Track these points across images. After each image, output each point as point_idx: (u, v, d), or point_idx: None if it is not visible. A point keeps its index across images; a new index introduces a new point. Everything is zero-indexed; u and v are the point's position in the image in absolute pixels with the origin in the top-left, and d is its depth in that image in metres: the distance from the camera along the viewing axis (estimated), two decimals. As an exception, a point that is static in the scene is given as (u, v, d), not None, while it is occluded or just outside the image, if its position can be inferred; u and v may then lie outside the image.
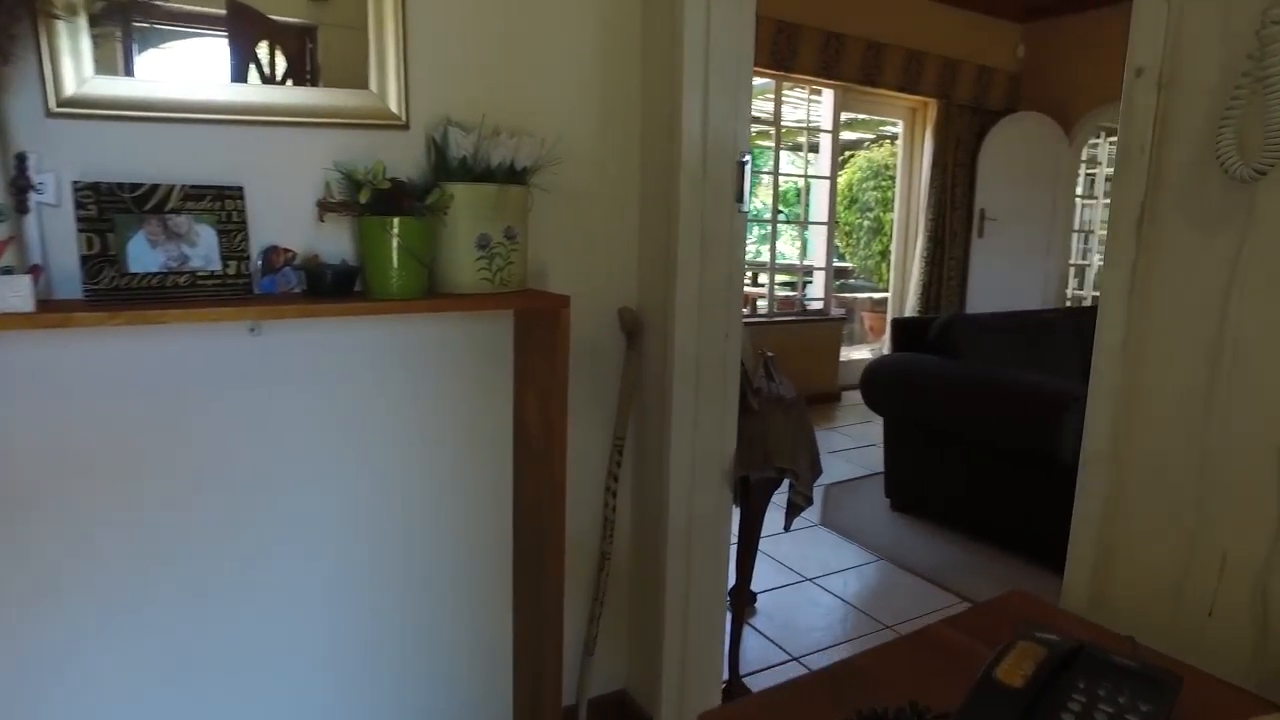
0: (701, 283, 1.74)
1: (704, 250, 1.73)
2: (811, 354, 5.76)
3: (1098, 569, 1.05)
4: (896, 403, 3.54)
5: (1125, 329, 0.91)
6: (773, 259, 5.76)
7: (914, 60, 5.70)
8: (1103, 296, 0.95)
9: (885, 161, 7.58)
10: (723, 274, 1.76)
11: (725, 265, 1.76)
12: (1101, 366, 0.99)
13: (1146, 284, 0.89)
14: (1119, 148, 0.95)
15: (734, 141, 1.73)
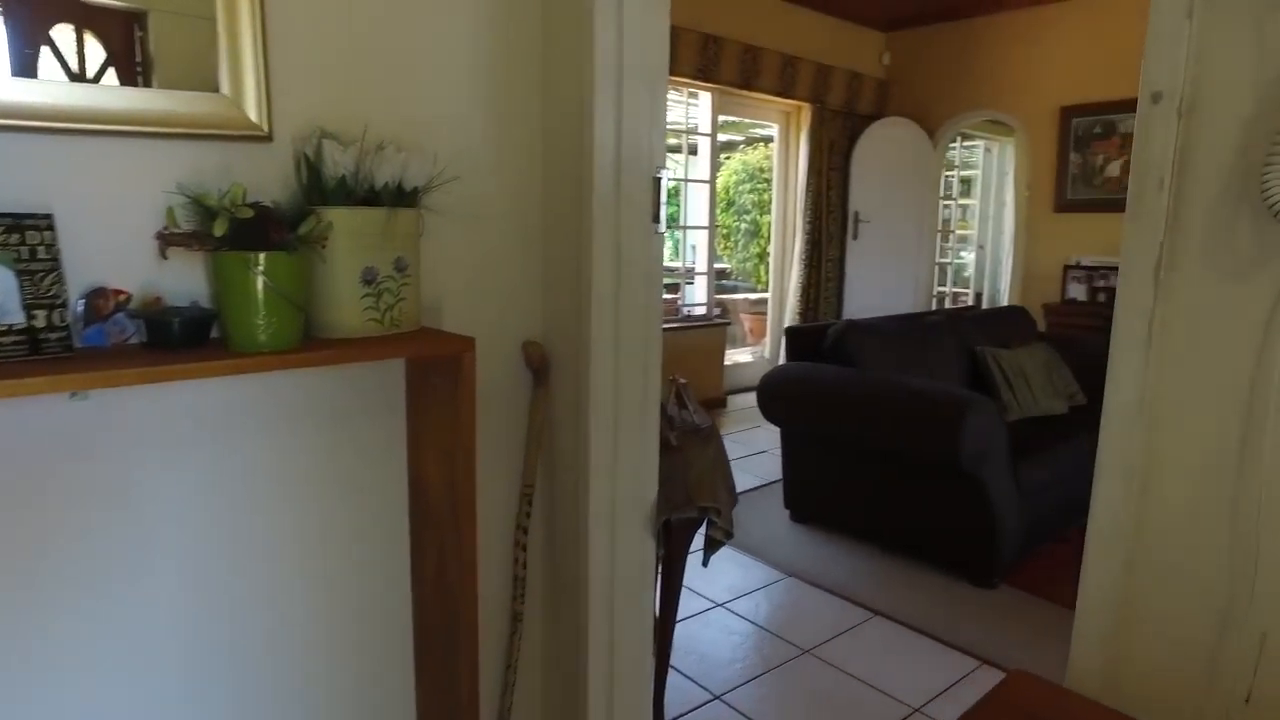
0: (618, 313, 1.56)
1: (620, 276, 1.55)
2: (696, 360, 5.68)
3: (1110, 647, 0.95)
4: (794, 413, 3.48)
5: (1141, 387, 0.82)
6: (656, 264, 5.64)
7: (789, 65, 5.73)
8: (1115, 350, 0.85)
9: (760, 164, 7.63)
10: (640, 302, 1.59)
11: (643, 293, 1.59)
12: (1113, 429, 0.89)
13: (1166, 337, 0.79)
14: (1132, 181, 0.85)
15: (650, 155, 1.56)
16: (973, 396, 2.95)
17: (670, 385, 2.07)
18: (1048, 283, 5.85)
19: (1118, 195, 5.54)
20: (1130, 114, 5.16)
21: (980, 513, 2.96)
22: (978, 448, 2.86)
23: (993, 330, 4.22)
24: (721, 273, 8.36)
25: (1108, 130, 5.54)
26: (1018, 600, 2.97)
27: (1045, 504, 3.25)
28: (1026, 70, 5.93)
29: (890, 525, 3.31)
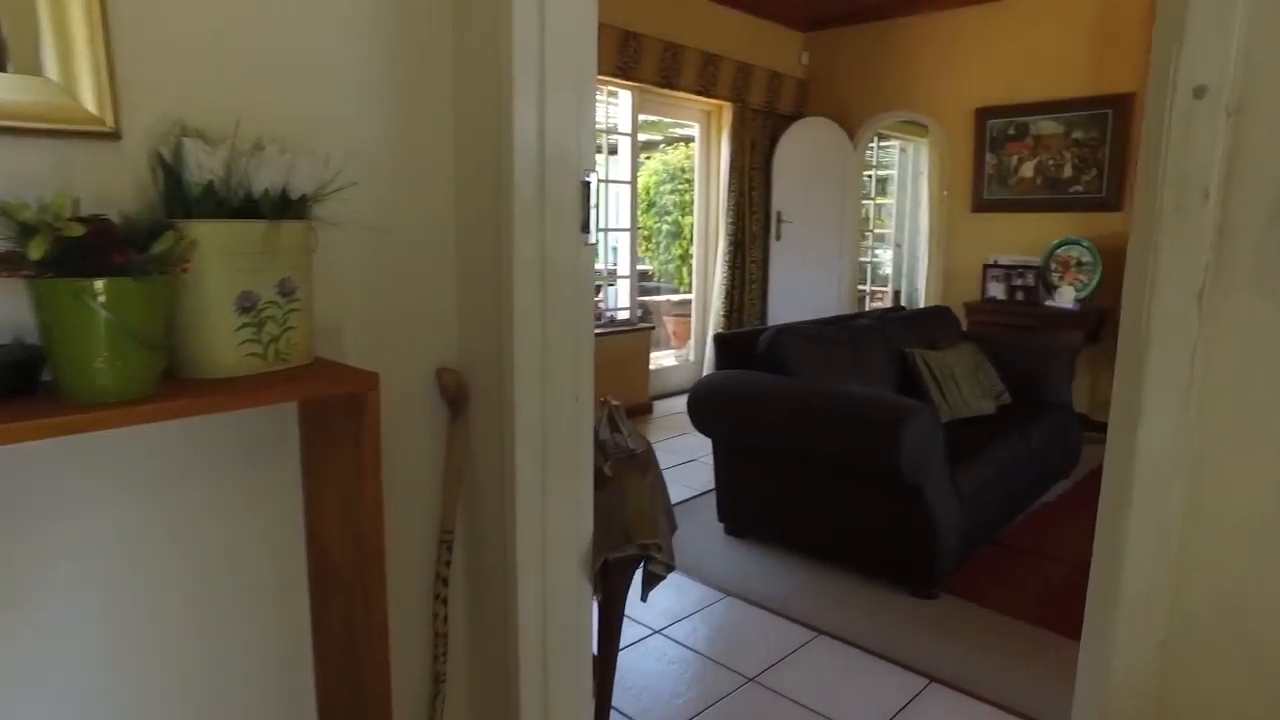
0: (544, 334, 1.38)
1: (545, 293, 1.37)
2: (621, 365, 5.53)
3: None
4: (727, 423, 3.35)
5: (1180, 433, 0.69)
6: (578, 268, 5.45)
7: (710, 63, 5.62)
8: (1149, 388, 0.72)
9: (680, 164, 7.52)
10: (570, 321, 1.42)
11: (572, 310, 1.42)
12: (1144, 482, 0.76)
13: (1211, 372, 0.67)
14: (1167, 189, 0.72)
15: (577, 156, 1.38)
16: (912, 404, 2.88)
17: (601, 407, 1.90)
18: (968, 281, 5.91)
19: (1031, 195, 5.63)
20: (1041, 116, 5.23)
21: (920, 522, 2.89)
22: (918, 456, 2.79)
23: (920, 331, 4.19)
24: (643, 274, 8.24)
25: (1021, 132, 5.62)
26: (959, 610, 2.91)
27: (982, 508, 3.21)
28: (943, 72, 5.98)
29: (828, 536, 3.22)
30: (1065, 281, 5.36)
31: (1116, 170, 5.27)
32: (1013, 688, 2.42)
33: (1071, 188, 5.45)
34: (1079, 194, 5.43)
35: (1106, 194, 5.31)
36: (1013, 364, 4.32)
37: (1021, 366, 4.32)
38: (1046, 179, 5.55)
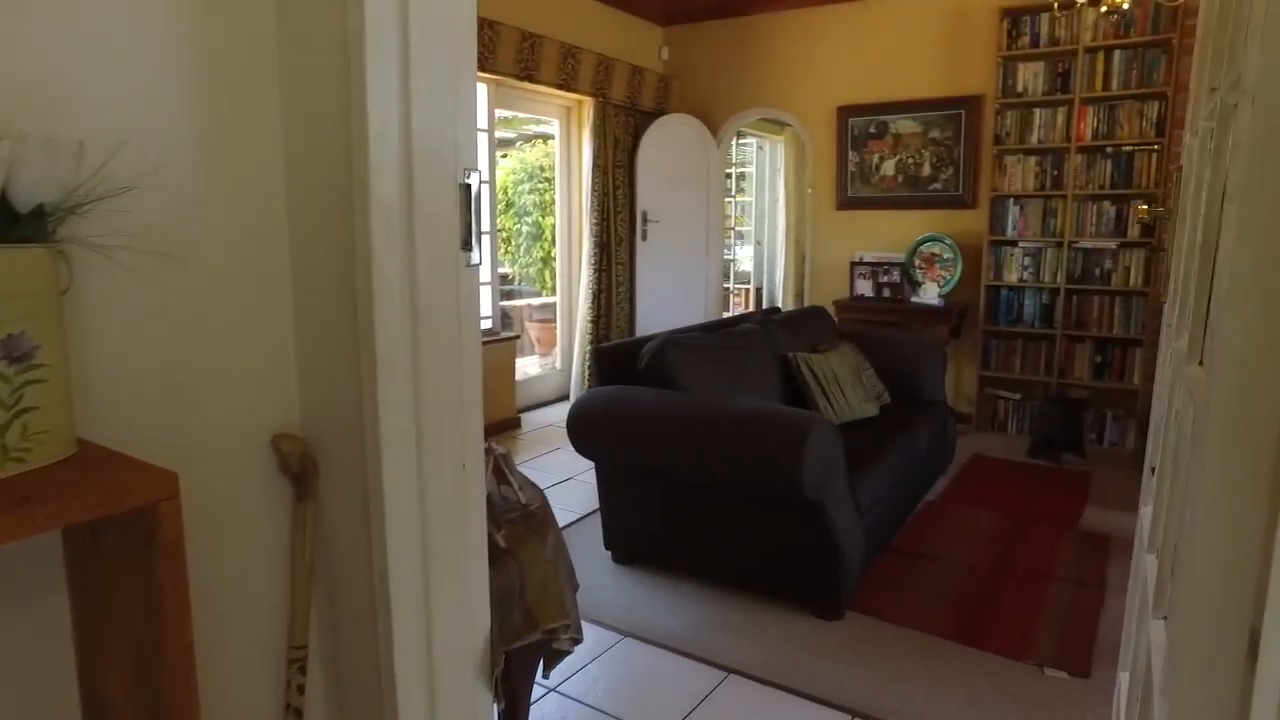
0: (418, 384, 1.05)
1: (417, 330, 1.04)
2: (485, 378, 5.13)
3: None
4: (611, 445, 3.08)
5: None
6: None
7: (570, 55, 5.32)
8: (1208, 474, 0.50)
9: (539, 163, 7.18)
10: (451, 365, 1.09)
11: (453, 351, 1.09)
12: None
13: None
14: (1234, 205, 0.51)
15: (454, 150, 1.06)
16: (811, 417, 2.70)
17: (487, 458, 1.57)
18: (836, 279, 5.91)
19: (893, 193, 5.68)
20: (900, 115, 5.25)
21: (822, 541, 2.73)
22: (820, 472, 2.62)
23: (800, 334, 4.07)
24: (503, 278, 7.84)
25: (881, 130, 5.66)
26: (865, 629, 2.77)
27: (879, 518, 3.10)
28: (805, 70, 5.95)
29: (726, 561, 3.01)
30: (929, 278, 5.44)
31: (970, 169, 5.39)
32: (932, 713, 2.28)
33: (931, 185, 5.54)
34: (938, 192, 5.52)
35: (963, 191, 5.42)
36: (888, 363, 4.28)
37: (897, 365, 4.30)
38: (907, 177, 5.62)
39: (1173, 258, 1.40)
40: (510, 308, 7.73)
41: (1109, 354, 4.99)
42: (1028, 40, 4.95)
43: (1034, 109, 5.00)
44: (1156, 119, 4.68)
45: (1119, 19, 4.68)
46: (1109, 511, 3.95)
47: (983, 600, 2.99)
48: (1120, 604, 2.97)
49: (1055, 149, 4.97)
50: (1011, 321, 5.24)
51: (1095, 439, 5.05)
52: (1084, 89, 4.82)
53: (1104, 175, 4.85)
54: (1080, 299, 5.02)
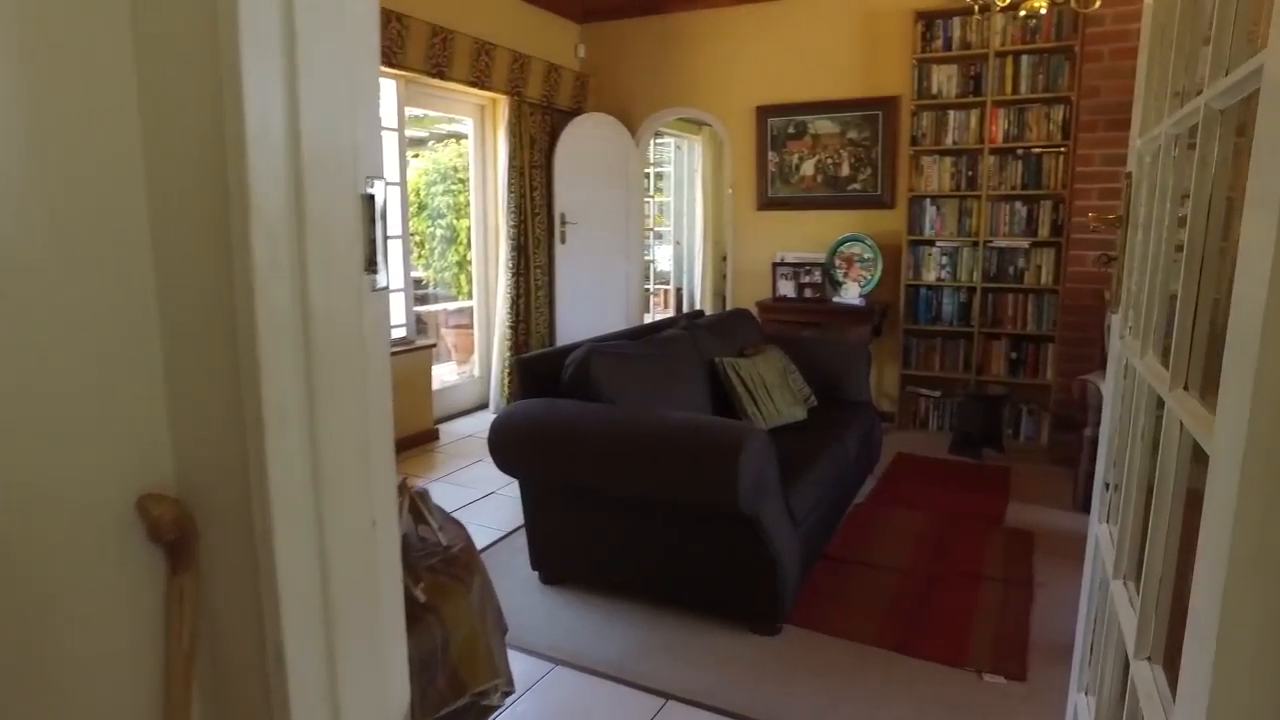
0: (315, 432, 0.89)
1: (313, 369, 0.88)
2: (400, 391, 4.91)
3: None
4: (535, 462, 2.92)
5: None
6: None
7: (484, 52, 5.12)
8: None
9: (452, 163, 6.93)
10: (355, 409, 0.93)
11: (357, 391, 0.93)
12: None
13: None
14: None
15: (353, 154, 0.90)
16: (744, 428, 2.61)
17: (402, 496, 1.41)
18: (758, 280, 5.88)
19: (813, 194, 5.68)
20: (818, 115, 5.24)
21: (758, 555, 2.64)
22: (755, 485, 2.53)
23: (726, 337, 4.00)
24: (416, 282, 7.55)
25: (800, 130, 5.66)
26: (804, 643, 2.70)
27: (813, 527, 3.04)
28: (724, 69, 5.90)
29: (659, 578, 2.90)
30: (850, 278, 5.46)
31: (888, 169, 5.43)
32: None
33: (850, 185, 5.56)
34: (857, 192, 5.54)
35: (881, 192, 5.46)
36: (814, 365, 4.26)
37: (822, 367, 4.27)
38: (827, 177, 5.62)
39: (1124, 266, 1.34)
40: (426, 313, 7.46)
41: (1023, 350, 5.10)
42: (941, 43, 5.00)
43: (948, 111, 5.06)
44: (1063, 122, 4.79)
45: (1026, 25, 4.78)
46: (1030, 507, 4.01)
47: (918, 605, 2.96)
48: (1049, 601, 3.00)
49: (969, 150, 5.04)
50: (931, 320, 5.30)
51: (1012, 434, 5.15)
52: (995, 92, 4.90)
53: (1015, 176, 4.94)
54: (995, 297, 5.11)
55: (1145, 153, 1.29)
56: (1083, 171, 4.56)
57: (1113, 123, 4.46)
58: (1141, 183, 1.30)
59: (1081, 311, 4.65)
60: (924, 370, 5.36)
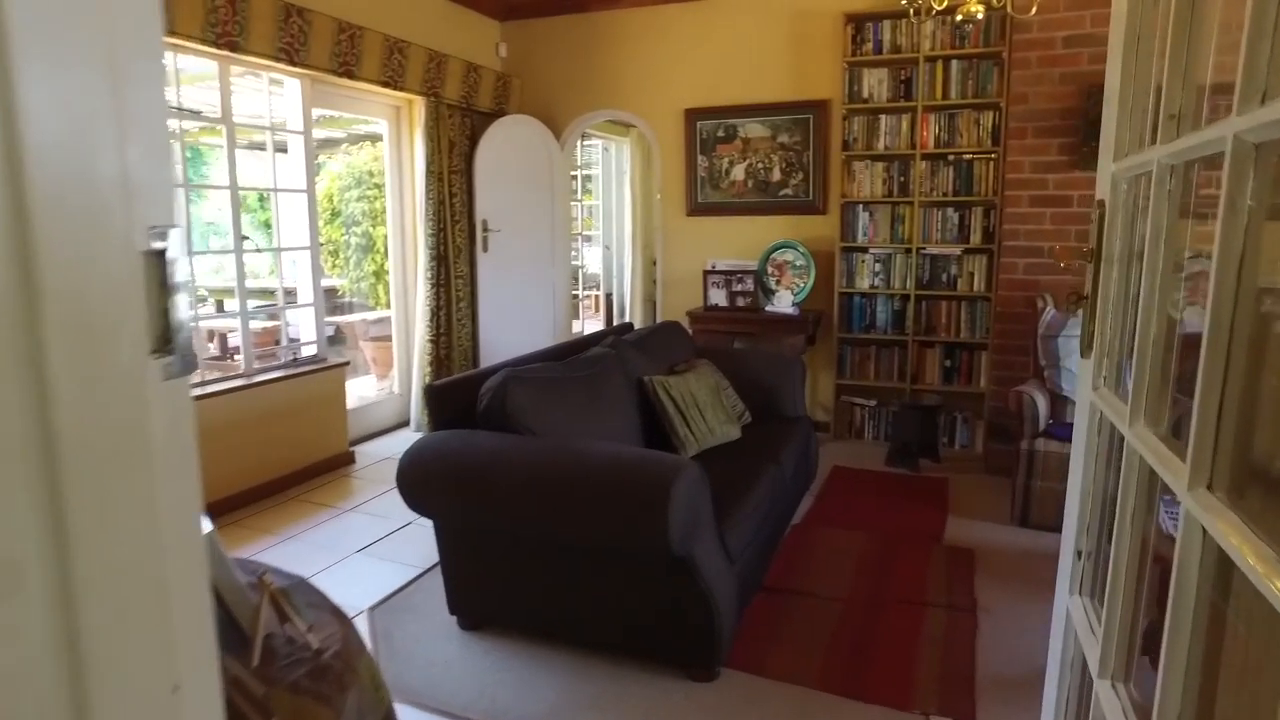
0: (68, 591, 0.64)
1: (66, 509, 0.63)
2: (313, 414, 4.58)
3: None
4: (449, 502, 2.67)
5: None
6: (242, 296, 4.40)
7: (397, 50, 4.82)
8: None
9: (369, 167, 6.58)
10: (139, 543, 0.69)
11: (141, 522, 0.69)
12: None
13: None
14: None
15: (122, 195, 0.66)
16: (675, 464, 2.40)
17: (262, 595, 1.17)
18: (689, 289, 5.72)
19: (744, 199, 5.53)
20: (748, 119, 5.08)
21: (692, 595, 2.45)
22: (687, 526, 2.33)
23: (655, 353, 3.81)
24: (330, 291, 7.17)
25: (730, 134, 5.50)
26: (745, 689, 2.52)
27: (750, 560, 2.86)
28: (651, 70, 5.71)
29: (586, 622, 2.68)
30: (783, 286, 5.33)
31: (820, 174, 5.32)
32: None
33: (781, 191, 5.43)
34: (789, 197, 5.42)
35: (813, 197, 5.35)
36: (747, 379, 4.10)
37: (756, 381, 4.12)
38: (757, 182, 5.48)
39: (1096, 307, 1.18)
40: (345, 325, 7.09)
41: (957, 358, 5.04)
42: (871, 46, 4.90)
43: (880, 115, 4.96)
44: (992, 128, 4.74)
45: (955, 30, 4.71)
46: (969, 522, 3.92)
47: (860, 638, 2.81)
48: (993, 628, 2.88)
49: (901, 155, 4.96)
50: (865, 328, 5.20)
51: (947, 442, 5.09)
52: (925, 97, 4.83)
53: (947, 182, 4.87)
54: (929, 304, 5.04)
55: (1122, 180, 1.12)
56: (1013, 178, 4.51)
57: (1041, 130, 4.42)
58: (1117, 213, 1.14)
59: (1014, 319, 4.61)
60: (859, 379, 5.26)
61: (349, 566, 3.44)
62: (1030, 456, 3.80)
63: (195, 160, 7.53)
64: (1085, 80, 4.28)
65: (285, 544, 3.67)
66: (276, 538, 3.73)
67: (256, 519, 3.96)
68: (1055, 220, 4.43)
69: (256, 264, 5.16)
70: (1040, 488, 3.79)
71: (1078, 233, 4.40)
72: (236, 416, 4.08)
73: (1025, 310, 4.52)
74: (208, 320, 6.91)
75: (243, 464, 4.11)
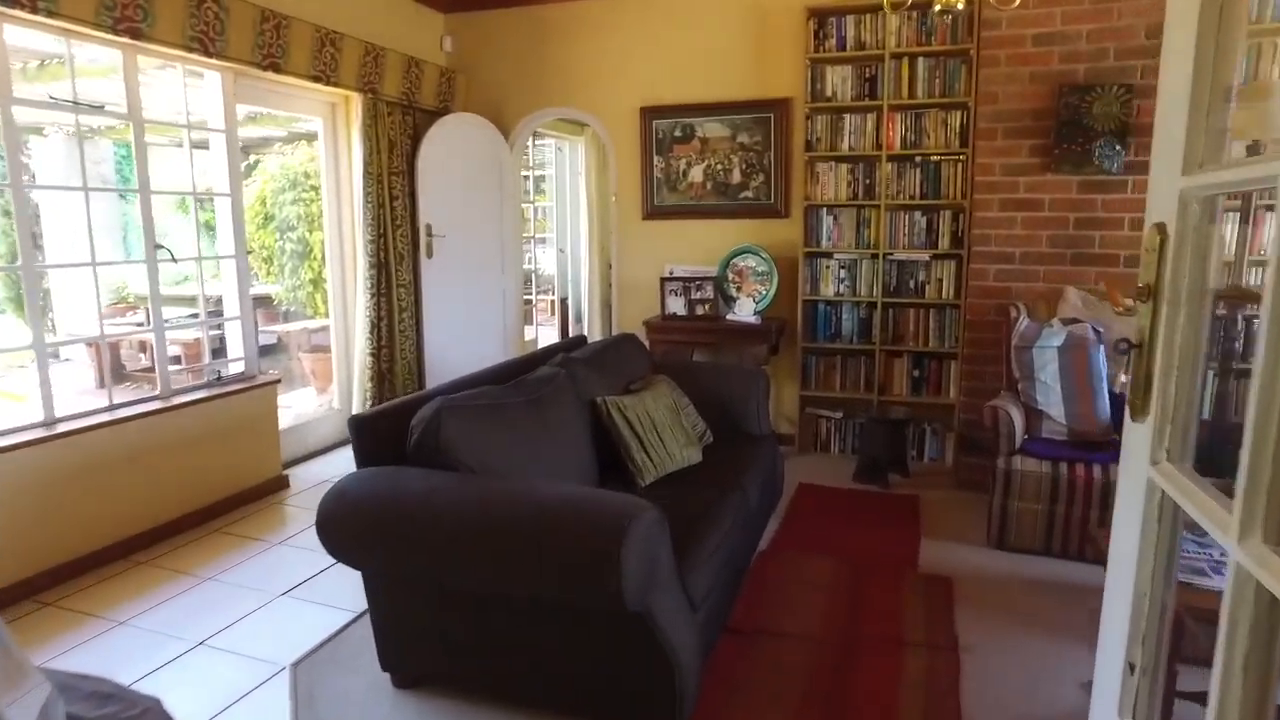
0: None
1: None
2: (241, 436, 4.22)
3: None
4: (376, 553, 2.35)
5: None
6: (156, 310, 4.01)
7: (329, 42, 4.46)
8: None
9: (305, 168, 6.19)
10: None
11: None
12: None
13: None
14: None
15: None
16: (630, 507, 2.12)
17: None
18: (645, 296, 5.45)
19: (703, 202, 5.28)
20: (707, 118, 4.82)
21: (651, 651, 2.17)
22: (644, 577, 2.06)
23: (609, 371, 3.52)
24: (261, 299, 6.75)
25: (688, 134, 5.24)
26: (708, 758, 2.25)
27: (714, 604, 2.60)
28: (605, 66, 5.42)
29: (534, 680, 2.39)
30: (744, 293, 5.09)
31: (782, 176, 5.08)
32: None
33: (741, 193, 5.19)
34: (749, 200, 5.18)
35: (775, 200, 5.11)
36: (709, 394, 3.84)
37: (718, 396, 3.87)
38: (716, 184, 5.23)
39: (1152, 357, 0.93)
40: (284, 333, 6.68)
41: (925, 368, 4.85)
42: (834, 42, 4.68)
43: (844, 114, 4.74)
44: (960, 129, 4.55)
45: (921, 26, 4.51)
46: (944, 544, 3.72)
47: (836, 688, 2.56)
48: (977, 669, 2.65)
49: (866, 157, 4.75)
50: (830, 337, 4.98)
51: (915, 455, 4.90)
52: (891, 95, 4.62)
53: (914, 185, 4.67)
54: (896, 312, 4.84)
55: (1193, 199, 0.87)
56: (983, 181, 4.32)
57: (1012, 131, 4.24)
58: (1186, 240, 0.88)
59: (984, 328, 4.42)
60: (824, 390, 5.04)
61: (274, 612, 3.11)
62: (1007, 476, 3.60)
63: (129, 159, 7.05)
64: (1056, 80, 4.10)
65: (203, 587, 3.31)
66: (194, 579, 3.38)
67: (173, 558, 3.59)
68: (1027, 225, 4.25)
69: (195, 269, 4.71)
70: (1018, 508, 3.59)
71: (1050, 238, 4.22)
72: (151, 442, 3.71)
73: (996, 319, 4.33)
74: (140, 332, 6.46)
75: (159, 495, 3.74)
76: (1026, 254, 4.28)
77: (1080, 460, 3.55)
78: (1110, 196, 4.10)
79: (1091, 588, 3.28)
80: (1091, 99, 4.01)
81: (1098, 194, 4.12)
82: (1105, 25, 4.01)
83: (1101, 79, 4.02)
